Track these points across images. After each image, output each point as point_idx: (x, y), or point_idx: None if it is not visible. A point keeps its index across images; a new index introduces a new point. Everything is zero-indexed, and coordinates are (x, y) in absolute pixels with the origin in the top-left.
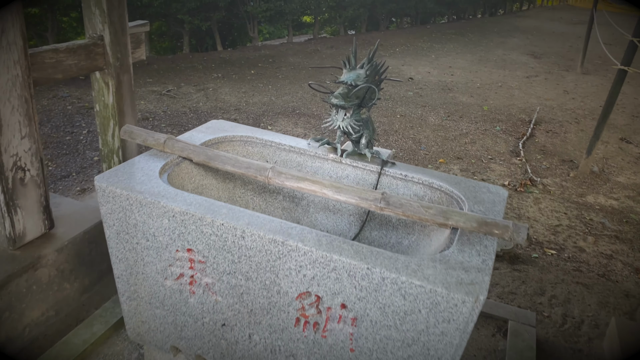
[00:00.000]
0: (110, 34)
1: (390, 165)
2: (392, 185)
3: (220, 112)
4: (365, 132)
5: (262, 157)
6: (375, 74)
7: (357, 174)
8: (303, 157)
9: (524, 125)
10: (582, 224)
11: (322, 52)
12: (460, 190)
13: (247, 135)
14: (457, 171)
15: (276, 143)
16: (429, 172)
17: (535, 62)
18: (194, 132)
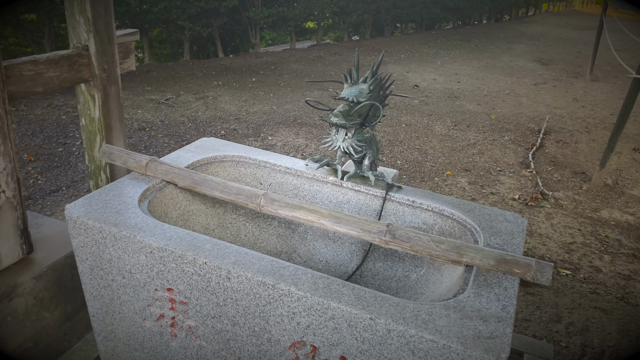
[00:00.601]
0: (96, 43)
1: (396, 190)
2: (398, 212)
3: (219, 122)
4: (369, 153)
5: (256, 179)
6: (380, 89)
7: (359, 199)
8: (300, 180)
9: (533, 135)
10: (597, 241)
11: (325, 59)
12: (474, 219)
13: (239, 155)
14: (465, 184)
15: (271, 164)
16: (439, 197)
17: (543, 69)
18: (182, 151)
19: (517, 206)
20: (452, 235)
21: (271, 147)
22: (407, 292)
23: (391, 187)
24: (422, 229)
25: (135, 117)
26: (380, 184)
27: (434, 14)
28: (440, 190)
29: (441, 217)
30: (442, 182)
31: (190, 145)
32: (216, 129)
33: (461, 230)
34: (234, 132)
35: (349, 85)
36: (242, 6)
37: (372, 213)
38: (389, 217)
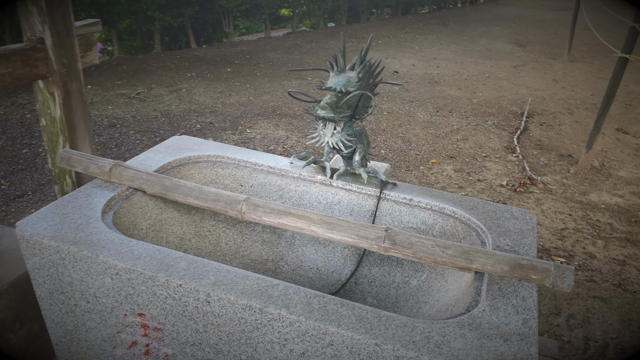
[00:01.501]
0: (53, 35)
1: (390, 187)
2: (395, 212)
3: (194, 115)
4: (359, 147)
5: (235, 181)
6: (369, 77)
7: (351, 199)
8: (285, 180)
9: (516, 119)
10: (589, 226)
11: (302, 47)
12: (478, 217)
13: (215, 154)
14: (452, 172)
15: (252, 163)
16: (438, 193)
17: (521, 51)
18: (151, 152)
19: (505, 193)
20: (455, 236)
21: (250, 141)
22: (408, 301)
23: (385, 185)
24: (421, 229)
25: (105, 114)
26: (373, 182)
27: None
28: (426, 180)
29: (442, 216)
30: (428, 171)
31: (161, 145)
32: (191, 123)
33: (465, 230)
34: (210, 125)
35: (335, 73)
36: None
37: (366, 214)
38: (385, 217)
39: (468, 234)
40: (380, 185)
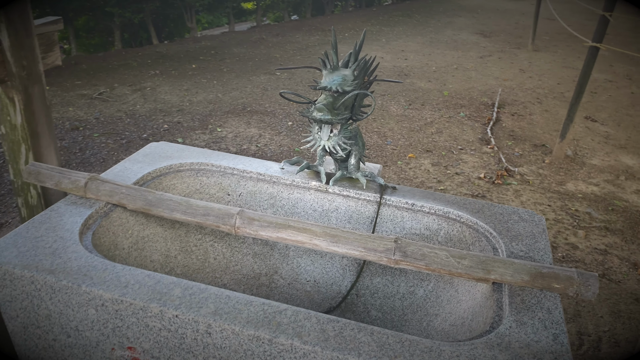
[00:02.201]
0: (10, 35)
1: (390, 191)
2: (396, 217)
3: (161, 115)
4: (354, 150)
5: (222, 190)
6: (364, 74)
7: (349, 205)
8: (277, 188)
9: (487, 109)
10: (569, 217)
11: (268, 41)
12: (485, 221)
13: (198, 161)
14: (429, 166)
15: (239, 170)
16: (440, 196)
17: (486, 41)
18: (128, 162)
19: (484, 185)
20: (462, 241)
21: (221, 140)
22: (416, 313)
23: (385, 189)
24: (426, 235)
25: (67, 116)
26: (372, 186)
27: None
28: (405, 175)
29: (447, 221)
30: (406, 166)
31: (138, 154)
32: (158, 123)
33: (473, 236)
34: (178, 125)
35: (328, 71)
36: None
37: (366, 221)
38: (386, 224)
39: (477, 240)
40: (379, 190)
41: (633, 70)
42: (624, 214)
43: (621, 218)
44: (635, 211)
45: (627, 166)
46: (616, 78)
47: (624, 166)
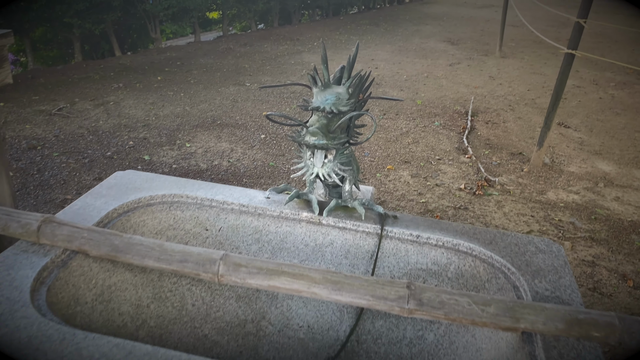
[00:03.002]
0: None
1: (392, 221)
2: (400, 251)
3: (125, 131)
4: (349, 174)
5: (199, 225)
6: (359, 92)
7: (345, 238)
8: (262, 220)
9: (461, 118)
10: (553, 227)
11: (235, 51)
12: (500, 253)
13: (171, 193)
14: (409, 178)
15: (218, 202)
16: (447, 225)
17: (454, 49)
18: (90, 196)
19: (465, 197)
20: (476, 278)
21: (191, 156)
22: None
23: (385, 219)
24: (433, 271)
25: (23, 134)
26: (370, 215)
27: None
28: (385, 188)
29: (457, 254)
30: (385, 178)
31: (101, 186)
32: (123, 139)
33: (489, 271)
34: (144, 141)
35: (319, 89)
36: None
37: (365, 256)
38: (388, 259)
39: (493, 276)
40: (379, 220)
41: (598, 76)
42: (607, 222)
43: (605, 227)
44: (618, 219)
45: (604, 172)
46: (583, 83)
47: (601, 173)
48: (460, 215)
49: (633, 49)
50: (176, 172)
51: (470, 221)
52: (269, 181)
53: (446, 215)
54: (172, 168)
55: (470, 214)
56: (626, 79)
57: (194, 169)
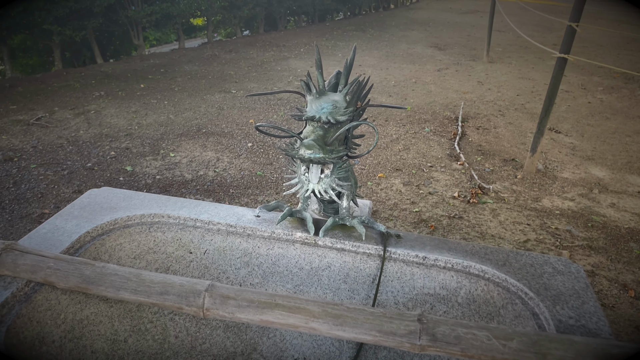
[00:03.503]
0: None
1: (395, 241)
2: (404, 275)
3: (107, 141)
4: (347, 190)
5: (182, 247)
6: (357, 99)
7: (344, 261)
8: (252, 242)
9: (451, 124)
10: (550, 236)
11: (221, 57)
12: (516, 276)
13: (151, 212)
14: (401, 186)
15: (203, 222)
16: (455, 245)
17: (441, 54)
18: (60, 218)
19: (459, 205)
20: (489, 303)
21: (175, 166)
22: None
23: (388, 239)
24: (442, 296)
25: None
26: (371, 234)
27: (325, 4)
28: (377, 197)
29: (468, 277)
30: (377, 187)
31: (73, 206)
32: (104, 150)
33: (504, 296)
34: (126, 151)
35: (314, 97)
36: (119, 4)
37: (366, 280)
38: (392, 283)
39: (509, 302)
40: (381, 240)
41: (586, 80)
42: (604, 230)
43: (602, 235)
44: (615, 226)
45: (598, 178)
46: (571, 88)
47: (595, 179)
48: (455, 224)
49: (618, 53)
50: (160, 183)
51: (466, 231)
52: (257, 191)
53: (441, 225)
54: (155, 179)
55: (466, 223)
56: (614, 83)
57: (179, 180)
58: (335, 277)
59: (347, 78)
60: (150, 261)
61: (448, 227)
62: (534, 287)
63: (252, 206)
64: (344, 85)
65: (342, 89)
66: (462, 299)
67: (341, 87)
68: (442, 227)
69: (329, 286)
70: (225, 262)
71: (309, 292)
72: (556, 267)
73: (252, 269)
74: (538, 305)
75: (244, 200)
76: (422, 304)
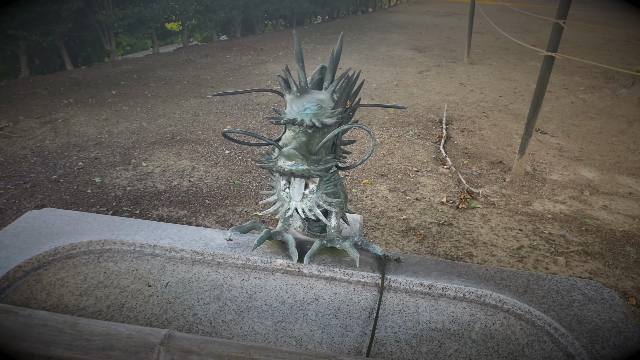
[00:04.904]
0: None
1: (394, 266)
2: (407, 307)
3: (75, 151)
4: (335, 206)
5: (139, 280)
6: (347, 97)
7: (335, 292)
8: (223, 272)
9: (435, 127)
10: (543, 241)
11: (196, 62)
12: (541, 306)
13: (101, 238)
14: (386, 192)
15: (164, 248)
16: (466, 269)
17: (422, 57)
18: None
19: (448, 211)
20: (510, 340)
21: (148, 176)
22: None
23: (386, 263)
24: (452, 331)
25: None
26: (365, 258)
27: (303, 8)
28: (362, 205)
29: (483, 309)
30: (362, 194)
31: (4, 233)
32: (71, 160)
33: (528, 332)
34: (95, 161)
35: (295, 95)
36: (89, 8)
37: (362, 314)
38: (392, 318)
39: (535, 339)
40: (379, 266)
41: (567, 80)
42: (598, 234)
43: (597, 239)
44: (609, 230)
45: (588, 180)
46: (553, 88)
47: (584, 180)
48: (445, 232)
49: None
50: (130, 194)
51: (457, 238)
52: (235, 201)
53: (430, 233)
54: (125, 191)
55: (456, 230)
56: (594, 82)
57: (151, 191)
58: (324, 311)
59: (333, 73)
60: (100, 298)
61: (438, 235)
62: (565, 320)
63: (230, 217)
64: (330, 81)
65: (328, 86)
66: (477, 335)
67: (327, 83)
68: (432, 235)
69: (316, 322)
70: (191, 296)
71: (292, 329)
72: (586, 294)
73: (224, 303)
74: (573, 344)
75: (221, 212)
76: (428, 342)
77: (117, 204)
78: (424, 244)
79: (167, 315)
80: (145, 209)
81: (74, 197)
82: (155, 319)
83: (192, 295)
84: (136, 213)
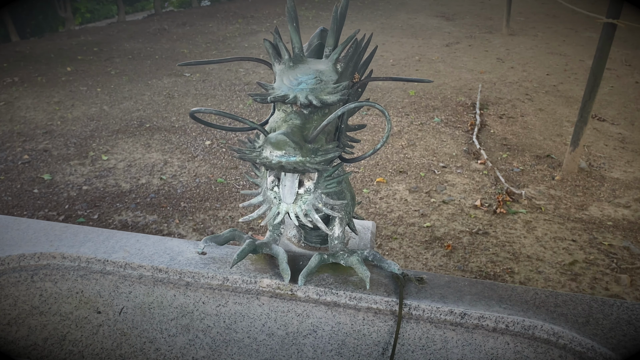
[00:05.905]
0: None
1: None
2: (433, 341)
3: (19, 141)
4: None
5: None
6: (354, 69)
7: (338, 322)
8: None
9: (467, 112)
10: (603, 255)
11: (171, 32)
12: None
13: (36, 251)
14: (406, 194)
15: (117, 264)
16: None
17: (450, 26)
18: None
19: (483, 217)
20: None
21: (109, 172)
22: None
23: (405, 284)
24: None
25: None
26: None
27: None
28: (375, 209)
29: (531, 344)
30: (375, 195)
31: None
32: (14, 152)
33: None
34: (44, 154)
35: (286, 65)
36: None
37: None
38: (414, 355)
39: None
40: (396, 288)
41: (631, 55)
42: None
43: None
44: None
45: None
46: (614, 65)
47: None
48: (479, 243)
49: None
50: (87, 195)
51: (493, 251)
52: (217, 204)
53: (460, 244)
54: (81, 190)
55: (492, 240)
56: None
57: (113, 191)
58: (324, 346)
59: (336, 37)
60: (35, 328)
61: (470, 246)
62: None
63: (210, 224)
64: (332, 47)
65: (329, 54)
66: None
67: (328, 50)
68: (463, 246)
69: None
70: (152, 326)
71: None
72: None
73: (196, 335)
74: None
75: (200, 217)
76: None
77: (71, 207)
78: (453, 258)
79: (122, 351)
80: (105, 213)
81: (17, 199)
82: (106, 355)
83: (154, 325)
84: (94, 218)
